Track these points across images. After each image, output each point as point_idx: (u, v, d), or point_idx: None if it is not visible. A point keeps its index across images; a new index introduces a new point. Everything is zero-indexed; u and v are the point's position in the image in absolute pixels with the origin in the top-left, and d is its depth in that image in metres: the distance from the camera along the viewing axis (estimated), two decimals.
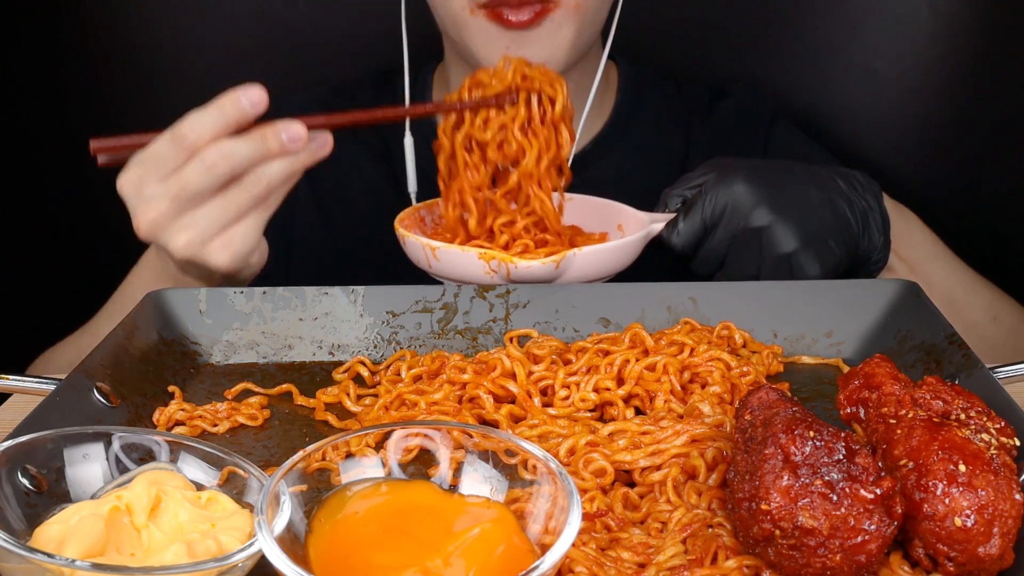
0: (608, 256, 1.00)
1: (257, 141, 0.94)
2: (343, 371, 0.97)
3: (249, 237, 0.96)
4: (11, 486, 0.67)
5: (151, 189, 0.94)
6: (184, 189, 0.93)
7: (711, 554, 0.67)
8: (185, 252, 0.95)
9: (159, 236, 0.95)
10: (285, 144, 0.94)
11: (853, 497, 0.62)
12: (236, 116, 0.93)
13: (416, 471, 0.73)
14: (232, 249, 0.96)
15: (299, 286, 1.01)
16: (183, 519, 0.67)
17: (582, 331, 0.99)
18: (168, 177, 0.93)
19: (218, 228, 0.95)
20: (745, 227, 0.99)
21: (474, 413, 0.88)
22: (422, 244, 1.00)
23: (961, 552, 0.64)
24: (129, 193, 0.95)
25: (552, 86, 1.02)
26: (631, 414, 0.88)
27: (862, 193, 1.05)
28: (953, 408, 0.71)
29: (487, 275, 0.98)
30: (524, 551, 0.65)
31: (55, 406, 0.81)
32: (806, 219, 1.00)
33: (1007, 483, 0.64)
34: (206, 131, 0.92)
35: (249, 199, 0.95)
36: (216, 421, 0.88)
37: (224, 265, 0.96)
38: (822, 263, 1.00)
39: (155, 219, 0.94)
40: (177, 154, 0.93)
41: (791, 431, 0.64)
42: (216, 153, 0.92)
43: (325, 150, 0.98)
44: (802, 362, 0.98)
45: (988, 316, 1.17)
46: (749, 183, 1.00)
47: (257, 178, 0.94)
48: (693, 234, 1.02)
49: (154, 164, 0.94)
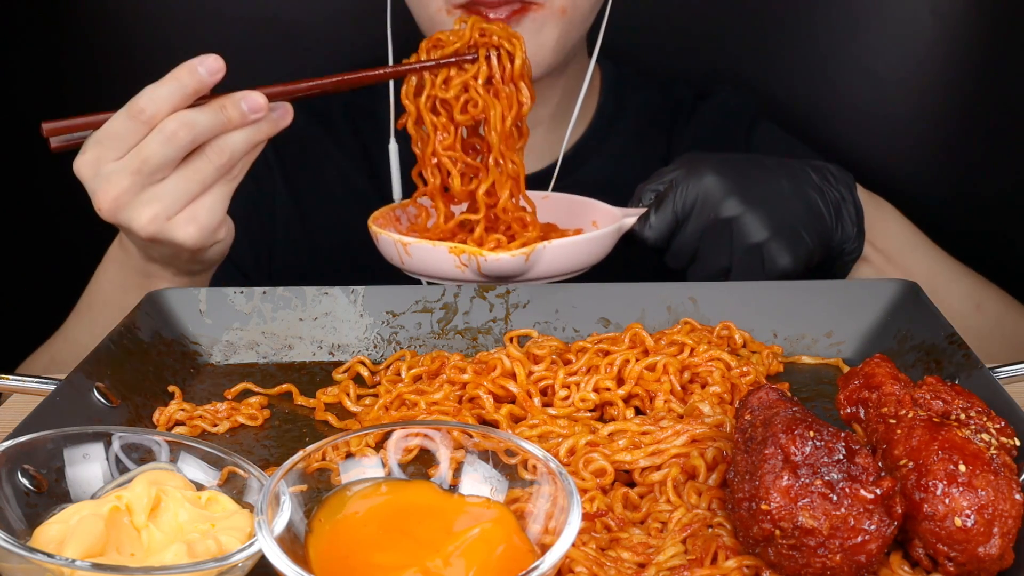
0: (579, 249, 1.00)
1: (216, 111, 0.91)
2: (343, 371, 0.97)
3: (215, 210, 0.94)
4: (11, 486, 0.67)
5: (110, 166, 0.91)
6: (145, 163, 0.90)
7: (711, 554, 0.67)
8: (150, 228, 0.92)
9: (122, 214, 0.92)
10: (245, 113, 0.92)
11: (853, 497, 0.62)
12: (194, 86, 0.91)
13: (416, 471, 0.73)
14: (199, 223, 0.93)
15: (299, 286, 1.01)
16: (183, 519, 0.67)
17: (582, 331, 0.99)
18: (127, 153, 0.91)
19: (183, 202, 0.92)
20: (716, 218, 1.00)
21: (474, 413, 0.88)
22: (394, 240, 1.00)
23: (961, 552, 0.64)
24: (87, 175, 0.93)
25: (511, 41, 1.01)
26: (631, 414, 0.88)
27: (835, 184, 1.05)
28: (953, 408, 0.71)
29: (458, 269, 0.98)
30: (524, 551, 0.65)
31: (55, 406, 0.81)
32: (776, 209, 1.00)
33: (1007, 483, 0.64)
34: (164, 103, 0.90)
35: (213, 170, 0.92)
36: (216, 421, 0.88)
37: (191, 240, 0.94)
38: (793, 253, 1.00)
39: (117, 196, 0.91)
40: (135, 128, 0.90)
41: (791, 431, 0.64)
42: (175, 123, 0.90)
43: (286, 120, 0.96)
44: (802, 362, 0.98)
45: (971, 304, 1.17)
46: (719, 175, 1.00)
47: (220, 148, 0.92)
48: (665, 227, 1.02)
49: (111, 141, 0.91)
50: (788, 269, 1.00)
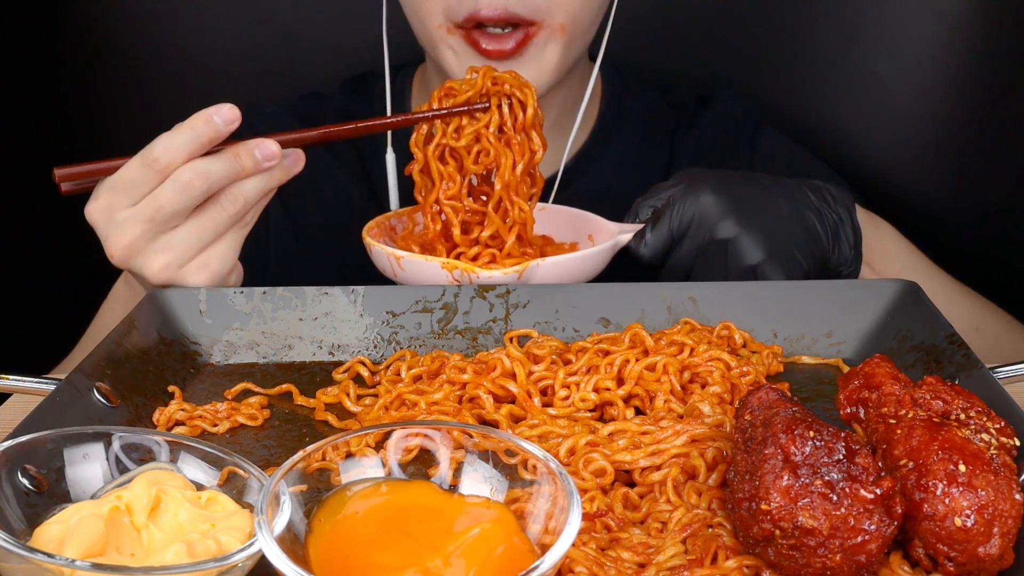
0: (572, 266, 1.00)
1: (231, 159, 0.93)
2: (343, 371, 0.97)
3: (227, 257, 0.96)
4: (11, 486, 0.67)
5: (123, 213, 0.92)
6: (159, 211, 0.91)
7: (711, 554, 0.67)
8: (162, 276, 0.94)
9: (134, 261, 0.94)
10: (259, 162, 0.94)
11: (853, 497, 0.62)
12: (209, 135, 0.92)
13: (416, 471, 0.73)
14: (210, 270, 0.95)
15: (299, 286, 1.01)
16: (183, 519, 0.67)
17: (582, 331, 0.99)
18: (141, 201, 0.92)
19: (196, 249, 0.94)
20: (711, 238, 1.00)
21: (474, 413, 0.88)
22: (387, 253, 1.00)
23: (961, 552, 0.64)
24: (100, 220, 0.94)
25: (522, 91, 1.01)
26: (631, 414, 0.88)
27: (833, 206, 1.05)
28: (953, 408, 0.71)
29: (451, 284, 0.98)
30: (524, 551, 0.65)
31: (55, 406, 0.81)
32: (772, 231, 1.00)
33: (1007, 483, 0.64)
34: (179, 152, 0.91)
35: (226, 218, 0.94)
36: (216, 421, 0.88)
37: (203, 283, 0.96)
38: (788, 275, 1.00)
39: (130, 243, 0.93)
40: (149, 177, 0.91)
41: (791, 431, 0.64)
42: (190, 172, 0.91)
43: (299, 166, 0.97)
44: (802, 362, 0.98)
45: (970, 326, 1.17)
46: (716, 195, 1.00)
47: (233, 196, 0.94)
48: (661, 245, 1.02)
49: (125, 189, 0.92)
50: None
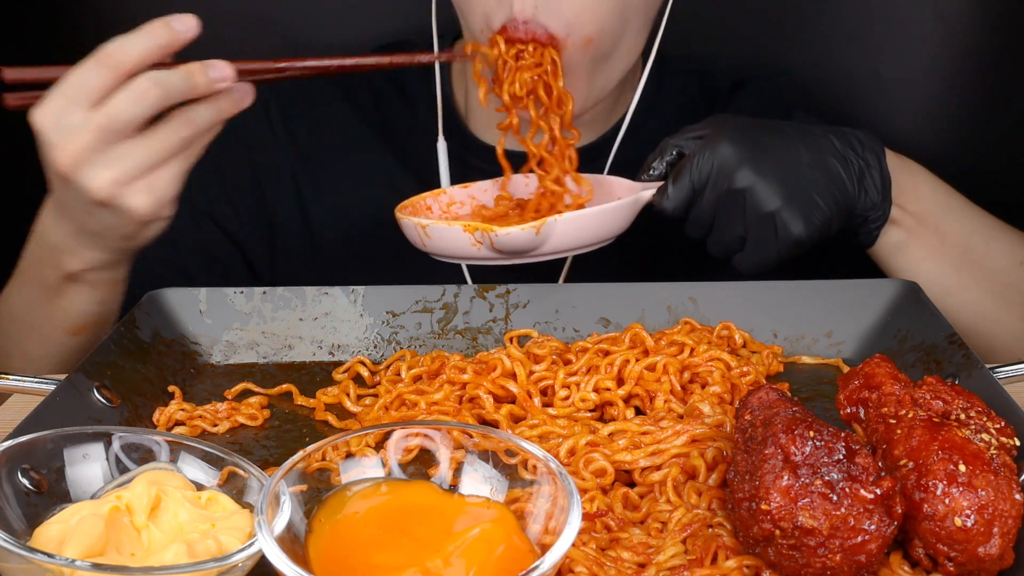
0: (591, 222, 0.99)
1: (185, 75, 0.89)
2: (343, 371, 0.97)
3: (172, 183, 0.92)
4: (11, 486, 0.67)
5: (75, 118, 0.88)
6: (112, 119, 0.87)
7: (711, 554, 0.67)
8: (105, 191, 0.90)
9: (80, 171, 0.89)
10: (212, 81, 0.90)
11: (853, 497, 0.62)
12: (167, 37, 0.89)
13: (416, 471, 0.73)
14: (155, 193, 0.91)
15: (299, 286, 1.01)
16: (183, 519, 0.67)
17: (582, 331, 0.99)
18: (95, 105, 0.88)
19: (143, 168, 0.90)
20: (730, 188, 0.99)
21: (474, 413, 0.88)
22: (413, 224, 1.00)
23: (961, 552, 0.64)
24: (47, 125, 0.88)
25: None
26: (631, 414, 0.88)
27: (860, 152, 1.04)
28: (953, 408, 0.71)
29: (474, 247, 0.97)
30: (524, 551, 0.65)
31: (55, 406, 0.81)
32: (790, 178, 1.00)
33: (1007, 483, 0.64)
34: (133, 51, 0.88)
35: (177, 140, 0.90)
36: (216, 421, 0.88)
37: (143, 209, 0.91)
38: (807, 221, 0.99)
39: (78, 152, 0.88)
40: (103, 76, 0.87)
41: (791, 431, 0.64)
42: (146, 81, 0.88)
43: (247, 100, 0.94)
44: (802, 362, 0.98)
45: (1012, 260, 1.15)
46: (734, 144, 1.00)
47: (185, 119, 0.90)
48: (683, 198, 1.01)
49: (77, 91, 0.88)
50: (803, 236, 0.99)
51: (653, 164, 1.04)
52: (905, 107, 1.47)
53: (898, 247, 1.08)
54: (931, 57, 1.46)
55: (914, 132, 1.47)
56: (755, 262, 1.01)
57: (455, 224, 0.97)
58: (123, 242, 0.97)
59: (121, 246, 0.98)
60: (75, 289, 1.01)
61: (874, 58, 1.46)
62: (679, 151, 1.04)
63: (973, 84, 1.45)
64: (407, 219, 1.01)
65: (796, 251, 1.00)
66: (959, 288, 1.10)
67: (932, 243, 1.09)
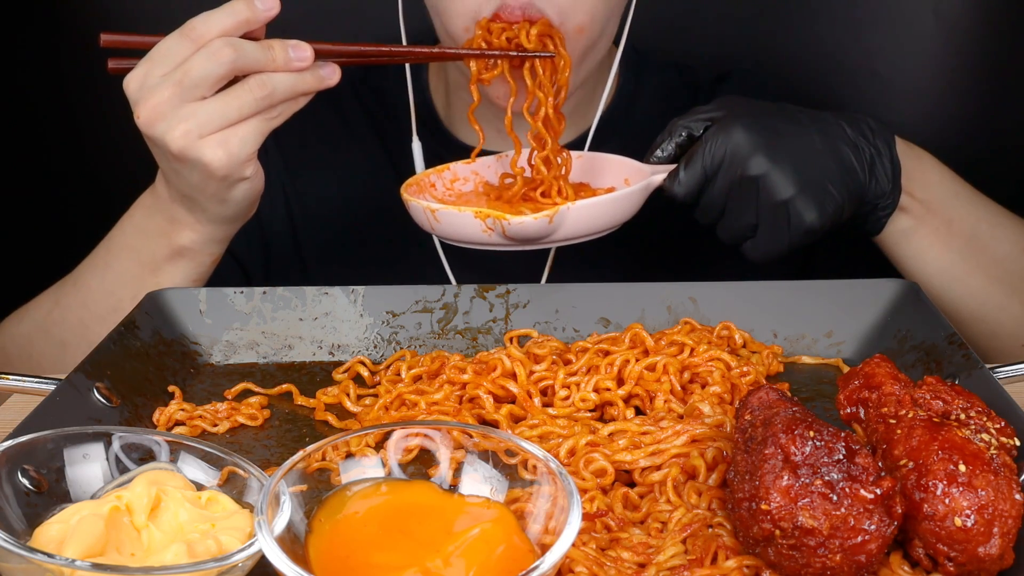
0: (604, 209, 0.99)
1: (264, 47, 0.94)
2: (343, 371, 0.97)
3: (248, 142, 0.95)
4: (11, 486, 0.67)
5: (155, 79, 0.94)
6: (187, 74, 0.92)
7: (711, 554, 0.67)
8: (181, 142, 0.94)
9: (158, 125, 0.94)
10: (291, 59, 0.95)
11: (853, 497, 0.62)
12: (247, 15, 0.94)
13: (416, 471, 0.73)
14: (228, 148, 0.94)
15: (299, 286, 1.01)
16: (183, 519, 0.67)
17: (582, 331, 0.99)
18: (173, 68, 0.93)
19: (217, 124, 0.94)
20: (743, 175, 0.99)
21: (474, 413, 0.88)
22: (423, 207, 0.99)
23: (961, 552, 0.64)
24: (134, 88, 0.95)
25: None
26: (631, 414, 0.88)
27: (872, 139, 1.04)
28: (953, 408, 0.71)
29: (484, 233, 0.97)
30: (524, 551, 0.65)
31: (55, 406, 0.81)
32: (804, 166, 0.99)
33: (1007, 483, 0.65)
34: (215, 25, 0.93)
35: (252, 100, 0.94)
36: (216, 421, 0.88)
37: (218, 162, 0.94)
38: (820, 209, 0.99)
39: (156, 105, 0.93)
40: (184, 46, 0.93)
41: (791, 431, 0.64)
42: (221, 42, 0.93)
43: (333, 79, 0.97)
44: (802, 362, 0.98)
45: (1018, 247, 1.15)
46: (748, 131, 0.99)
47: (261, 81, 0.94)
48: (694, 183, 1.01)
49: (160, 58, 0.94)
50: (815, 225, 0.99)
51: (662, 145, 1.04)
52: (904, 106, 1.48)
53: (905, 234, 1.08)
54: (931, 56, 1.46)
55: (913, 131, 1.47)
56: (766, 250, 1.00)
57: (466, 210, 0.97)
58: (217, 206, 1.01)
59: (218, 212, 1.02)
60: (178, 265, 1.07)
61: (873, 57, 1.47)
62: (688, 133, 1.03)
63: (972, 83, 1.45)
64: (416, 201, 1.00)
65: (808, 240, 1.00)
66: (965, 275, 1.10)
67: (939, 230, 1.09)
